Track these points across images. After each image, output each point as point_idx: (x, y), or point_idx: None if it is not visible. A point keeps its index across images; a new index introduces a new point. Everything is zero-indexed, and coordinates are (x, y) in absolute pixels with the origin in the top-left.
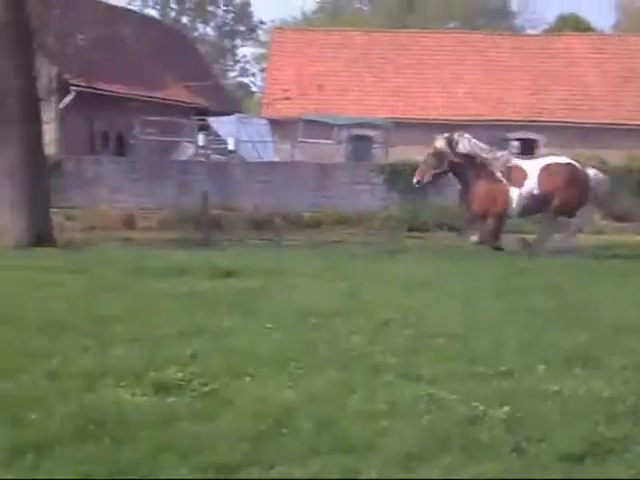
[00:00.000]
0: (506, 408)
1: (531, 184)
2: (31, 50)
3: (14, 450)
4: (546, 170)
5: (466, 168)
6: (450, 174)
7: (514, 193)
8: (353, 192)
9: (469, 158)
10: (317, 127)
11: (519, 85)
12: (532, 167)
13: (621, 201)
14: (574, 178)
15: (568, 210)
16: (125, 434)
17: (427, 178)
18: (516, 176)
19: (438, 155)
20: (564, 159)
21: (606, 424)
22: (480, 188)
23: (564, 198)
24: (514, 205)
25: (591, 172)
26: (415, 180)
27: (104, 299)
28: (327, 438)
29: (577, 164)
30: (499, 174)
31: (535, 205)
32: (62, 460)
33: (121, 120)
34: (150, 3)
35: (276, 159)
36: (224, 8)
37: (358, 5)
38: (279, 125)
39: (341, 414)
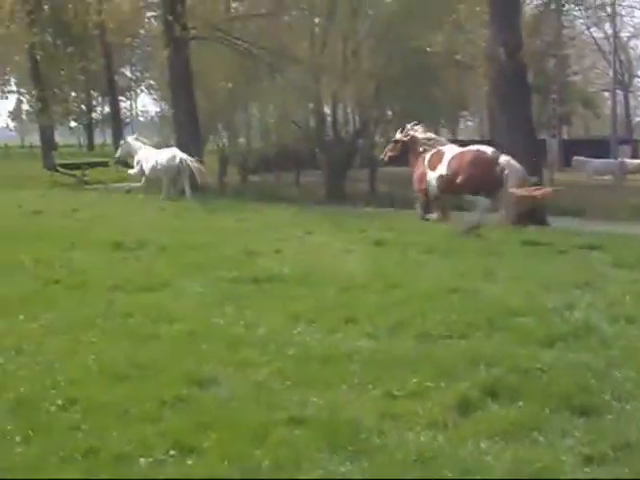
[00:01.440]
0: None
1: (442, 168)
2: None
3: None
4: (456, 156)
5: (410, 152)
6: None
7: (432, 176)
8: None
9: (413, 144)
10: None
11: None
12: (448, 153)
13: None
14: (477, 162)
15: (469, 189)
16: None
17: (385, 157)
18: (436, 161)
19: (395, 141)
20: (479, 146)
21: None
22: (414, 170)
23: (464, 178)
24: (433, 186)
25: (503, 159)
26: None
27: None
28: None
29: (489, 150)
30: (427, 158)
31: (447, 186)
32: None
33: None
34: None
35: None
36: None
37: None
38: None
39: None
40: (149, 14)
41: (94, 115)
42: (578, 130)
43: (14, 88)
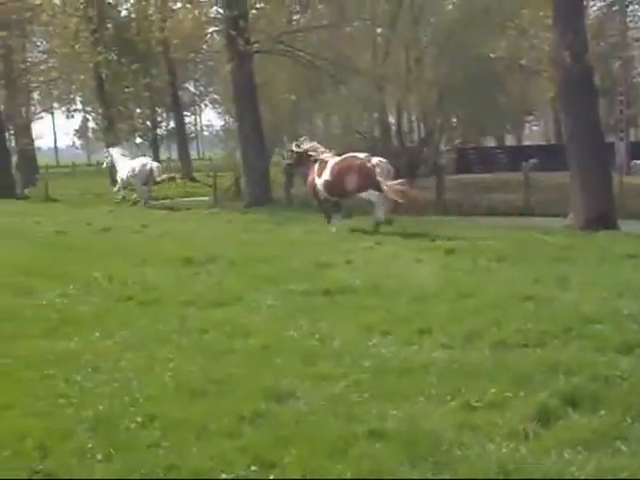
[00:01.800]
0: None
1: (327, 174)
2: None
3: None
4: (337, 163)
5: (304, 162)
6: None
7: (319, 182)
8: None
9: (306, 155)
10: None
11: None
12: (331, 162)
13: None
14: (353, 166)
15: (355, 190)
16: None
17: (284, 166)
18: (322, 169)
19: (290, 152)
20: (353, 154)
21: None
22: (308, 178)
23: (347, 181)
24: (320, 190)
25: (374, 160)
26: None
27: None
28: None
29: (361, 155)
30: (315, 167)
31: (334, 189)
32: None
33: None
34: None
35: None
36: None
37: None
38: None
39: None
40: (211, 29)
41: (159, 131)
42: None
43: (79, 107)
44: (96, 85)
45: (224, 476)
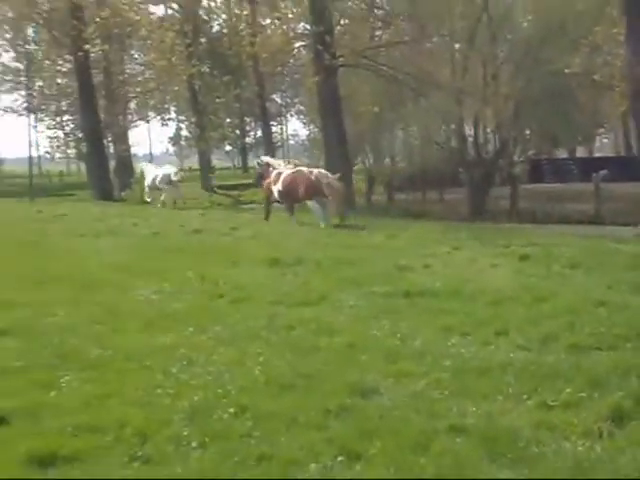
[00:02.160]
0: None
1: (279, 184)
2: None
3: None
4: (287, 175)
5: (265, 172)
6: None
7: (273, 188)
8: None
9: (267, 167)
10: None
11: None
12: (284, 174)
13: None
14: (299, 178)
15: (303, 197)
16: None
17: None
18: (277, 178)
19: (259, 164)
20: (300, 168)
21: None
22: (264, 185)
23: (296, 190)
24: (275, 196)
25: (315, 172)
26: None
27: None
28: None
29: (305, 170)
30: (273, 175)
31: (284, 195)
32: None
33: None
34: None
35: None
36: None
37: None
38: None
39: None
40: (298, 44)
41: (247, 139)
42: None
43: (173, 116)
44: (189, 96)
45: (313, 465)
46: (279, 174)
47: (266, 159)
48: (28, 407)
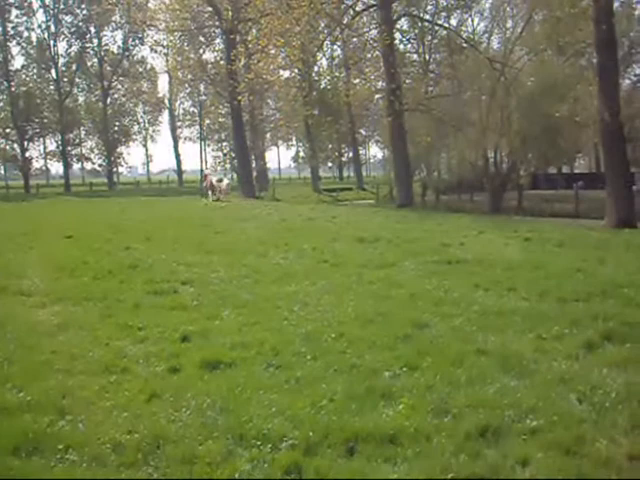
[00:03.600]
0: None
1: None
2: None
3: None
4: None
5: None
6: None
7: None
8: None
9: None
10: None
11: None
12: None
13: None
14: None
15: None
16: None
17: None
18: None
19: (205, 176)
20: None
21: None
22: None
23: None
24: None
25: (214, 179)
26: None
27: None
28: None
29: (214, 178)
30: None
31: (209, 188)
32: None
33: None
34: None
35: None
36: None
37: None
38: None
39: None
40: (377, 96)
41: (343, 159)
42: None
43: (294, 142)
44: (305, 129)
45: (387, 373)
46: (211, 180)
47: (206, 172)
48: (202, 330)
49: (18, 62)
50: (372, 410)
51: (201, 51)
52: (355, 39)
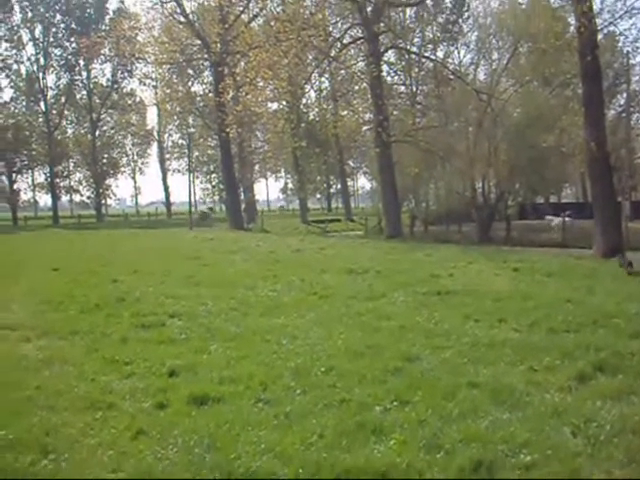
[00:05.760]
0: None
1: None
2: None
3: None
4: None
5: None
6: None
7: None
8: None
9: None
10: None
11: None
12: None
13: None
14: None
15: None
16: None
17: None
18: None
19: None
20: None
21: None
22: None
23: None
24: None
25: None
26: None
27: None
28: None
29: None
30: None
31: None
32: None
33: None
34: None
35: None
36: None
37: None
38: None
39: None
40: (365, 127)
41: (331, 190)
42: None
43: (283, 174)
44: (293, 161)
45: (377, 407)
46: None
47: None
48: (189, 364)
49: (7, 94)
50: (363, 446)
51: (190, 83)
52: (343, 71)
